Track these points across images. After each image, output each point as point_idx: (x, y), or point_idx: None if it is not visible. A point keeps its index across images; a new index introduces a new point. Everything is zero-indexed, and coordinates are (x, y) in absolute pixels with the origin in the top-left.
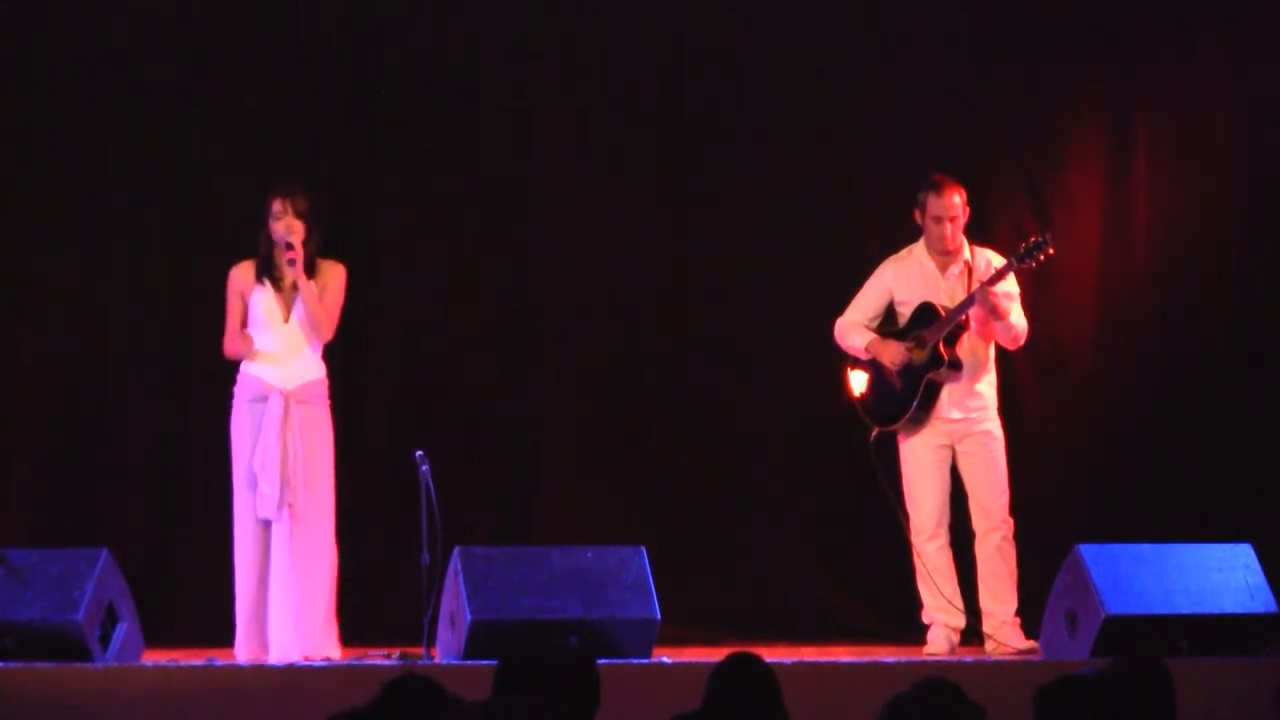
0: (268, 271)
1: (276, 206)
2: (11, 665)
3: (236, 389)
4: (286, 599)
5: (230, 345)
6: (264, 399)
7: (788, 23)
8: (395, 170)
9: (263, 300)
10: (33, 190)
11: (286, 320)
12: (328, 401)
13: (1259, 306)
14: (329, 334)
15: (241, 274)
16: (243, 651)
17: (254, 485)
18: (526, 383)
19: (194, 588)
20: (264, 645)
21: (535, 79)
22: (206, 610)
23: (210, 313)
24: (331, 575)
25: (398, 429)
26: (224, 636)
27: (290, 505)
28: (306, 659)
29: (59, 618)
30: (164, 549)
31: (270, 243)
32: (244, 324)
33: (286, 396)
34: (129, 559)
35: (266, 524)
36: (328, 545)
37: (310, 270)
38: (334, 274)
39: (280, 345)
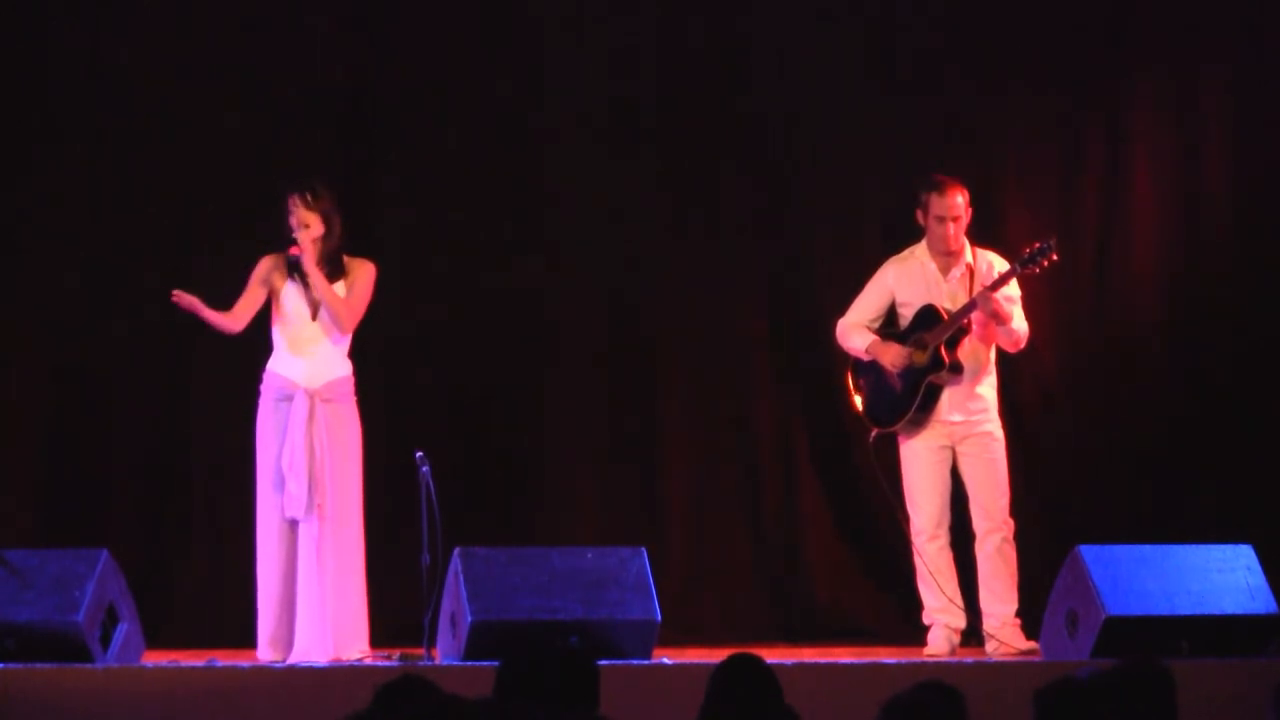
0: (295, 269)
1: (290, 203)
2: (12, 666)
3: (262, 388)
4: (317, 600)
5: (226, 317)
6: (289, 398)
7: (789, 24)
8: (395, 170)
9: (291, 297)
10: (33, 195)
11: (314, 318)
12: (354, 399)
13: (1257, 308)
14: (347, 329)
15: (271, 263)
16: (266, 651)
17: (279, 485)
18: (527, 383)
19: (194, 588)
20: (290, 646)
21: (536, 81)
22: (207, 611)
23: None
24: (362, 574)
25: (398, 429)
26: (224, 637)
27: (319, 505)
28: (336, 660)
29: (59, 619)
30: (164, 549)
31: (292, 240)
32: (247, 308)
33: (312, 395)
34: (129, 560)
35: (292, 524)
36: (357, 544)
37: (338, 266)
38: (362, 271)
39: (307, 343)
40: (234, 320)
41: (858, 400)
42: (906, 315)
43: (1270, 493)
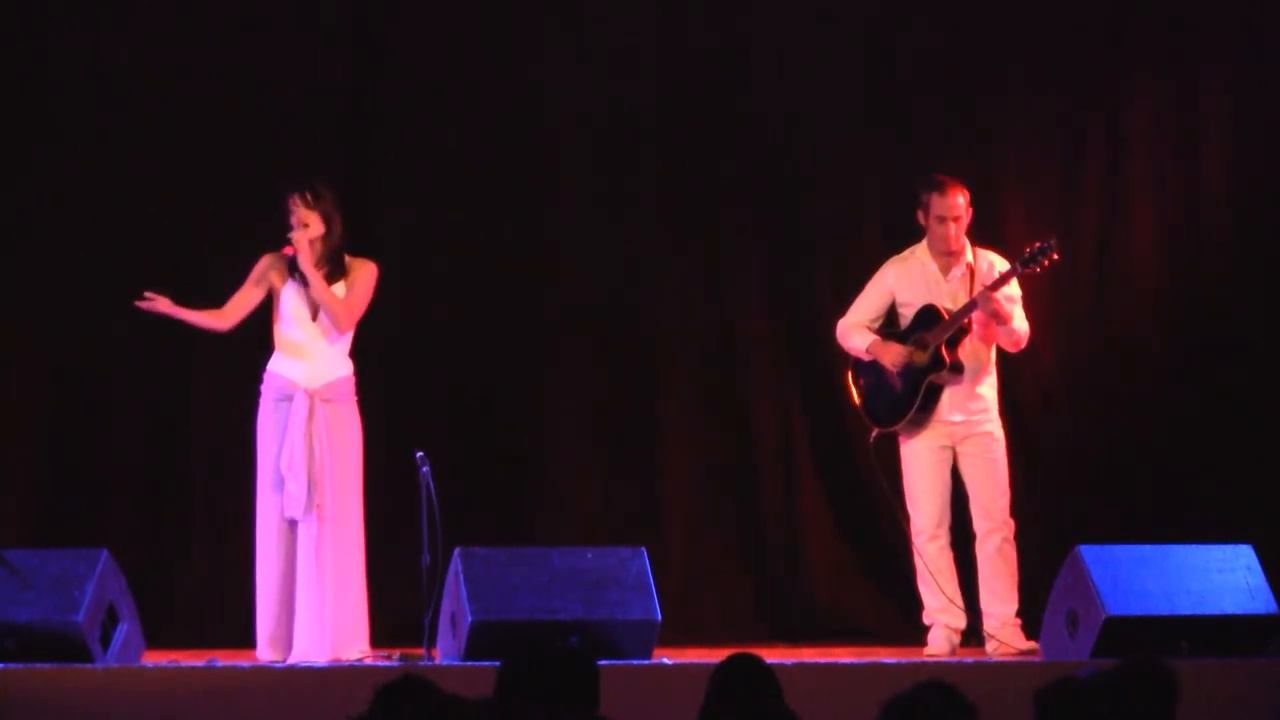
0: (295, 269)
1: (290, 202)
2: (12, 666)
3: (263, 388)
4: (316, 600)
5: (213, 316)
6: (289, 398)
7: (789, 24)
8: (395, 170)
9: (291, 297)
10: (33, 195)
11: (314, 319)
12: (355, 399)
13: (1257, 308)
14: (345, 329)
15: (269, 262)
16: (266, 651)
17: (279, 485)
18: (527, 383)
19: (194, 588)
20: (289, 646)
21: (536, 81)
22: (207, 611)
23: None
24: (362, 574)
25: (398, 429)
26: (224, 637)
27: (318, 506)
28: (336, 660)
29: (59, 619)
30: (164, 549)
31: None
32: (239, 307)
33: (312, 395)
34: (129, 560)
35: (292, 524)
36: (357, 544)
37: (339, 266)
38: (363, 271)
39: (306, 343)
40: (223, 318)
41: (858, 400)
42: (907, 315)
43: (1270, 493)
